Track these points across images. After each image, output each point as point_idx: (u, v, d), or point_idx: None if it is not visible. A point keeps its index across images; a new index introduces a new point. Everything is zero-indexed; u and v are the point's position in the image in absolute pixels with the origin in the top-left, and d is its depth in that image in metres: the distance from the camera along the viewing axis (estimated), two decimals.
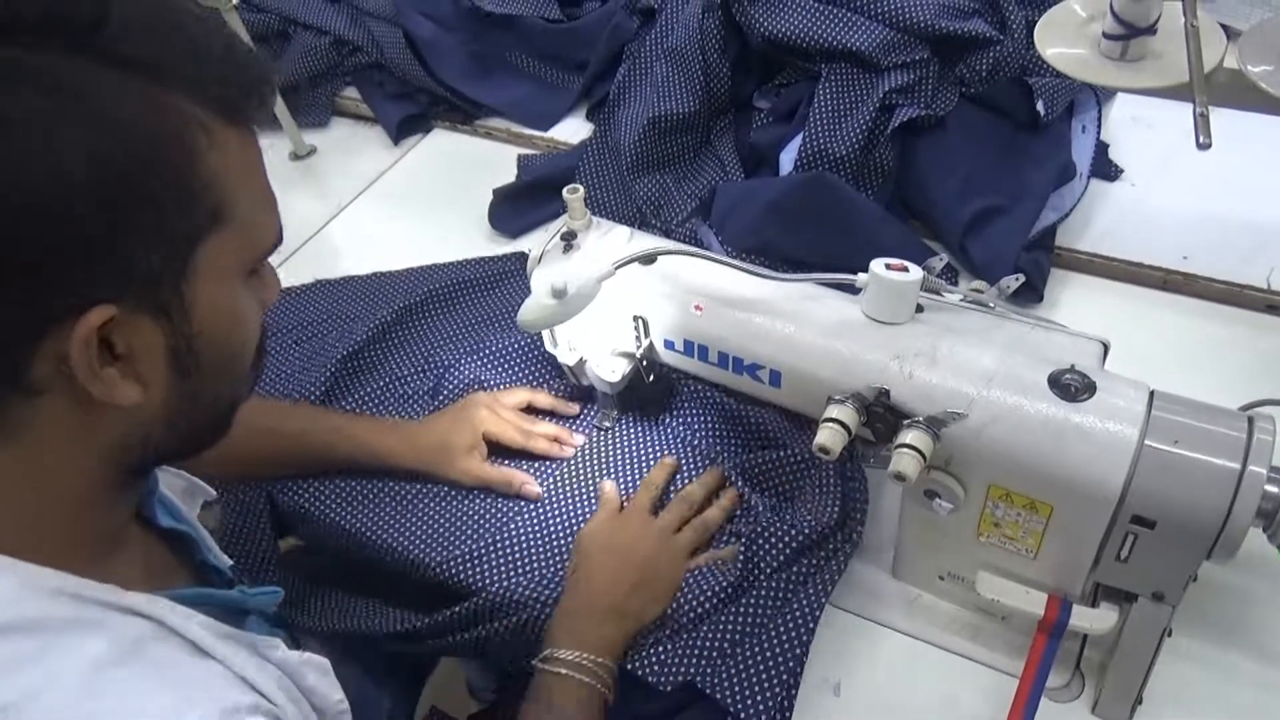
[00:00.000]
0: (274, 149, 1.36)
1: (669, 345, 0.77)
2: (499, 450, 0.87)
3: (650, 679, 0.70)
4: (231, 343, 0.51)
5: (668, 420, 0.90)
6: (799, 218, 0.99)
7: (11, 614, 0.44)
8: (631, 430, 0.89)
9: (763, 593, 0.73)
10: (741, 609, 0.72)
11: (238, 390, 0.54)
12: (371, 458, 0.85)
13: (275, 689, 0.51)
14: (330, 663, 0.58)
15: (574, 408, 0.91)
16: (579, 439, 0.89)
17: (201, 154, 0.45)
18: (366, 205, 1.26)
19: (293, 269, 1.14)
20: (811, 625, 0.70)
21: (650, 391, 0.87)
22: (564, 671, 0.68)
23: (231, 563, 0.66)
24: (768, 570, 0.74)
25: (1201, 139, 0.64)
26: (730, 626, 0.72)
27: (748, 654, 0.69)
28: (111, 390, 0.45)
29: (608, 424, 0.90)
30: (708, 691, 0.68)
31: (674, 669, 0.70)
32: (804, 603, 0.71)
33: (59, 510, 0.49)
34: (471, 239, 1.17)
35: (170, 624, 0.49)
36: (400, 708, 0.93)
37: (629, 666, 0.71)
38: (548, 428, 0.89)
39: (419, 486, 0.86)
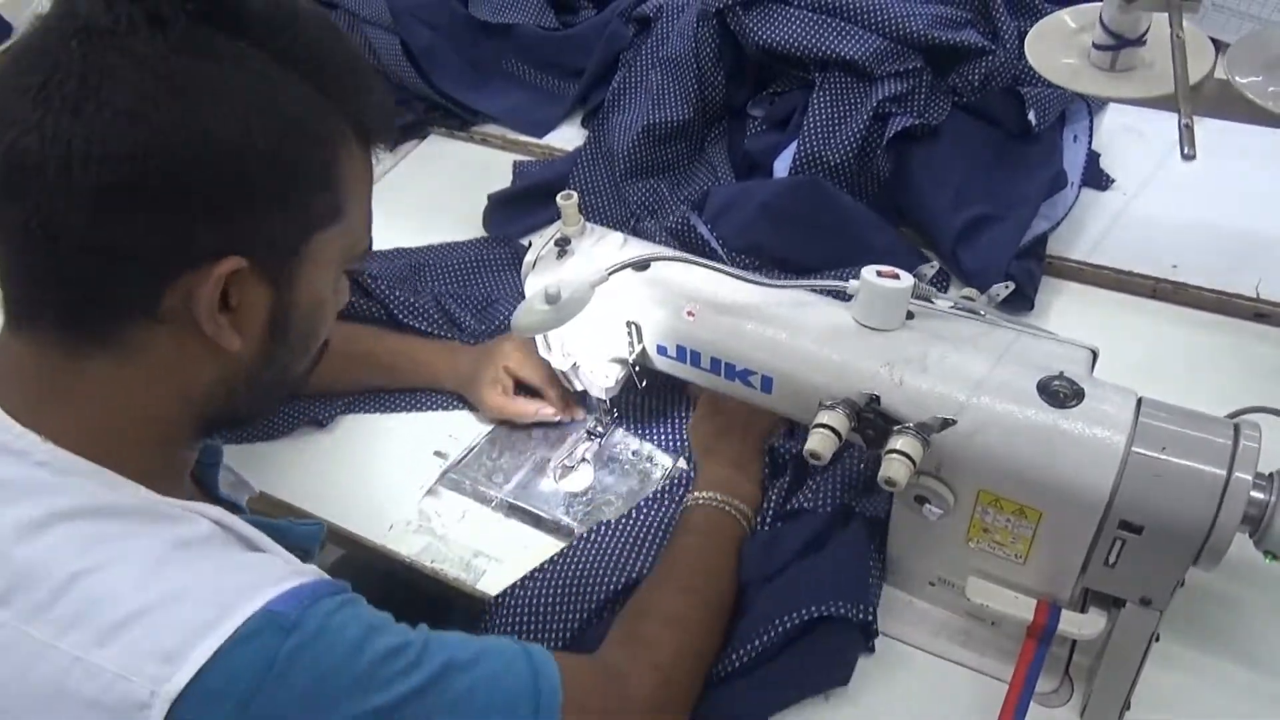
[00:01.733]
0: None
1: (661, 351, 0.78)
2: None
3: (808, 505, 0.77)
4: (315, 322, 0.60)
5: (659, 424, 0.90)
6: (791, 219, 1.00)
7: (99, 501, 0.51)
8: (623, 435, 0.90)
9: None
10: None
11: (305, 367, 0.62)
12: (429, 380, 0.96)
13: None
14: None
15: (580, 412, 0.93)
16: (579, 412, 0.93)
17: (340, 159, 0.55)
18: None
19: None
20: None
21: (643, 397, 0.88)
22: (713, 504, 0.78)
23: None
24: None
25: (1186, 150, 0.65)
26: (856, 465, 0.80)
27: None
28: (220, 334, 0.53)
29: (600, 429, 0.91)
30: (858, 509, 0.77)
31: (826, 495, 0.78)
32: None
33: (146, 434, 0.55)
34: None
35: (231, 525, 0.55)
36: None
37: (789, 505, 0.79)
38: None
39: None
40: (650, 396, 0.91)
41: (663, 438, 0.90)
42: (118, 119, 0.47)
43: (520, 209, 1.18)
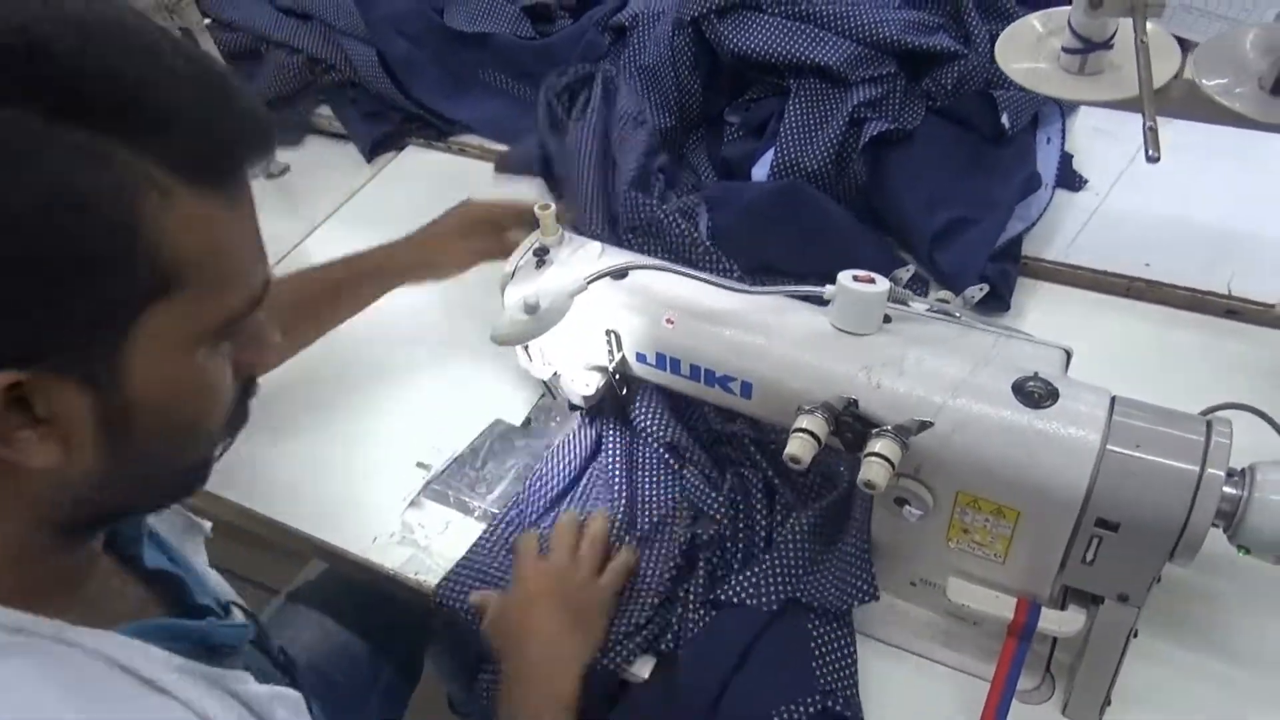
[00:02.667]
0: None
1: (641, 358, 0.78)
2: None
3: (750, 601, 0.73)
4: (180, 412, 0.48)
5: (634, 417, 0.89)
6: (774, 222, 1.01)
7: None
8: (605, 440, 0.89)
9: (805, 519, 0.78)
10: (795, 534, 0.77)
11: (199, 453, 0.52)
12: (386, 277, 0.95)
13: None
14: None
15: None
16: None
17: (151, 217, 0.41)
18: (340, 223, 1.26)
19: None
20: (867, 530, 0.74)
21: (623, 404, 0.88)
22: None
23: (232, 599, 0.64)
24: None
25: (1150, 152, 0.66)
26: (795, 548, 0.76)
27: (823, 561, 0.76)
28: (26, 453, 0.43)
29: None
30: (804, 600, 0.73)
31: (769, 590, 0.73)
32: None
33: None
34: None
35: (116, 658, 0.46)
36: (399, 677, 0.96)
37: (722, 596, 0.74)
38: None
39: None
40: (630, 404, 0.91)
41: (639, 431, 0.89)
42: None
43: None
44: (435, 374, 1.01)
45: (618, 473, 0.84)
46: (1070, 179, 1.11)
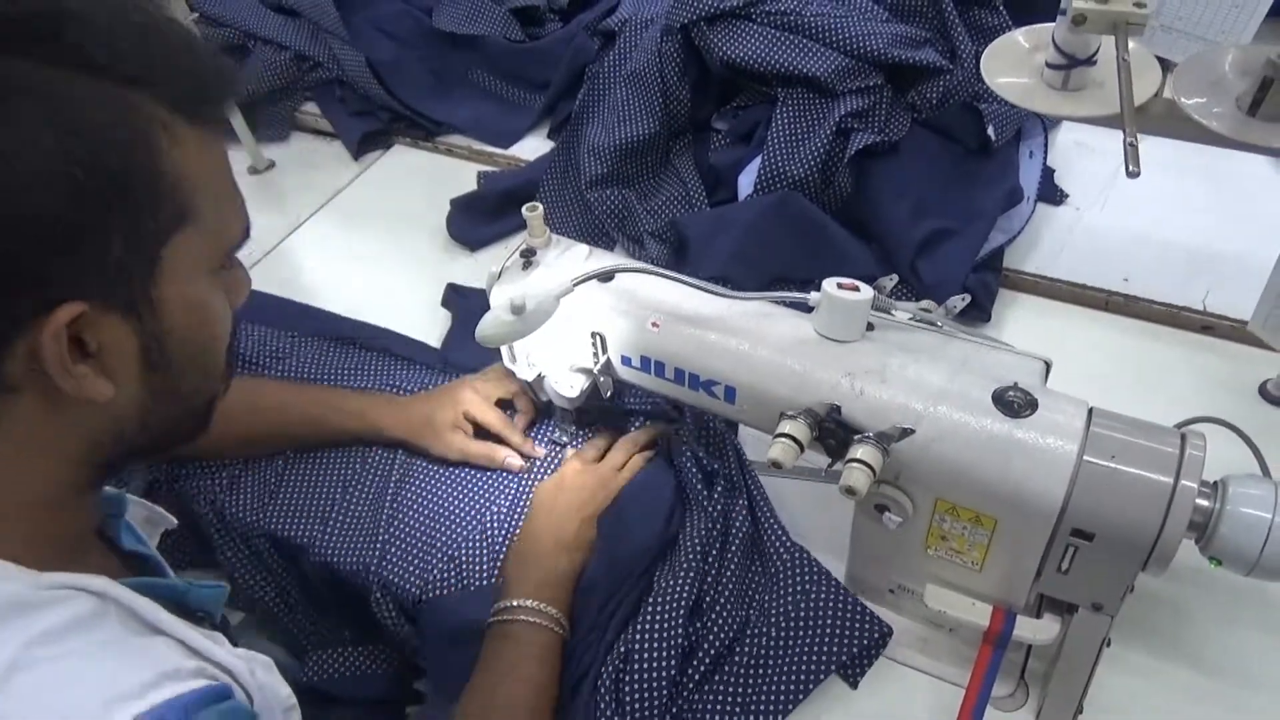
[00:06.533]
0: (233, 163, 1.35)
1: (626, 361, 0.78)
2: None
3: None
4: (202, 339, 0.53)
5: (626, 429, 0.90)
6: (778, 236, 1.01)
7: None
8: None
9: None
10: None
11: (212, 386, 0.56)
12: (366, 428, 0.91)
13: (234, 660, 0.52)
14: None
15: (540, 450, 0.92)
16: (540, 450, 0.91)
17: (165, 153, 0.47)
18: (325, 220, 1.25)
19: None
20: None
21: (607, 406, 0.88)
22: (520, 619, 0.73)
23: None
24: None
25: (1131, 167, 0.67)
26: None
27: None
28: (83, 386, 0.46)
29: (565, 439, 0.91)
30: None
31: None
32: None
33: (26, 505, 0.50)
34: (431, 256, 1.17)
35: (118, 597, 0.49)
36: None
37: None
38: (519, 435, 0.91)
39: (354, 493, 0.89)
40: (614, 406, 0.91)
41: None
42: None
43: (485, 217, 1.18)
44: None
45: None
46: (1051, 193, 1.13)
